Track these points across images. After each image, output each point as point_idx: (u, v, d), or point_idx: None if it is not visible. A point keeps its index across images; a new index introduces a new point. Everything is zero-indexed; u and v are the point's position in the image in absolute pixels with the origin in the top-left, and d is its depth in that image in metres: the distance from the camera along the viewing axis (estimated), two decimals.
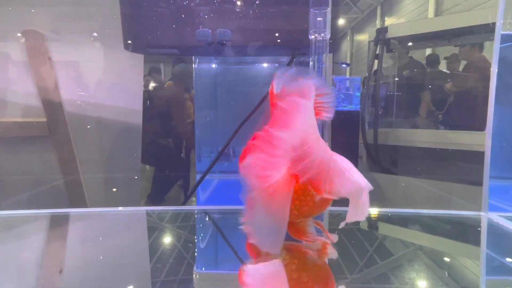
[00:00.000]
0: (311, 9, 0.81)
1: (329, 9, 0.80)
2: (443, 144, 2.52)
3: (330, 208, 1.11)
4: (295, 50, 1.05)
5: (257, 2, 1.02)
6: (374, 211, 1.14)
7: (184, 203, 1.26)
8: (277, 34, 0.99)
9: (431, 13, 6.36)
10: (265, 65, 2.34)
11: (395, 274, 0.73)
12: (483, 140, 1.09)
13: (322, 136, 0.68)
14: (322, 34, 0.81)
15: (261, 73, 2.37)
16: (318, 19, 0.81)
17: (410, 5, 7.09)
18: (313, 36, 0.82)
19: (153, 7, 1.01)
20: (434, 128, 2.79)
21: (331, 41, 0.85)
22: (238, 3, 1.01)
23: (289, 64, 1.13)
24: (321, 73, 0.82)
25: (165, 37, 1.03)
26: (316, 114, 0.66)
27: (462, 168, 2.33)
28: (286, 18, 1.00)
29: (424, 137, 2.67)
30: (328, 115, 0.67)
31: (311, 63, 0.83)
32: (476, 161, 2.31)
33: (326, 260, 0.73)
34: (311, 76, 0.65)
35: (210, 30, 0.94)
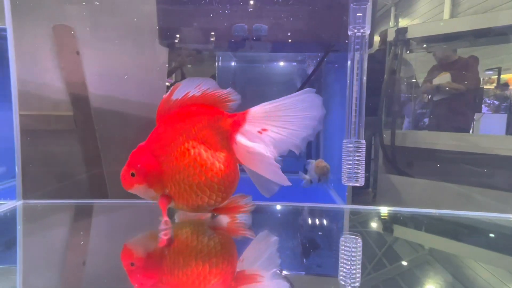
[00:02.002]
0: (351, 4, 0.80)
1: (369, 4, 0.80)
2: (462, 147, 2.49)
3: (352, 206, 1.11)
4: (329, 46, 1.04)
5: None
6: (385, 211, 1.13)
7: None
8: (311, 31, 0.99)
9: (446, 15, 6.29)
10: (281, 63, 2.34)
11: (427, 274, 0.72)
12: (503, 144, 1.08)
13: None
14: (362, 30, 0.81)
15: (278, 72, 2.36)
16: (358, 14, 0.80)
17: (424, 6, 7.02)
18: (352, 32, 0.81)
19: (189, 2, 1.01)
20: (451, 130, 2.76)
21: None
22: None
23: (321, 60, 1.12)
24: (361, 69, 0.82)
25: (200, 32, 1.03)
26: (223, 103, 0.84)
27: (481, 172, 2.30)
28: (320, 14, 0.99)
29: (443, 139, 2.64)
30: (233, 102, 0.85)
31: (349, 62, 0.82)
32: (496, 165, 2.28)
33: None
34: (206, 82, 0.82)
35: (246, 25, 0.94)
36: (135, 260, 0.77)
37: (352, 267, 0.70)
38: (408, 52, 2.85)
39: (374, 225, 1.04)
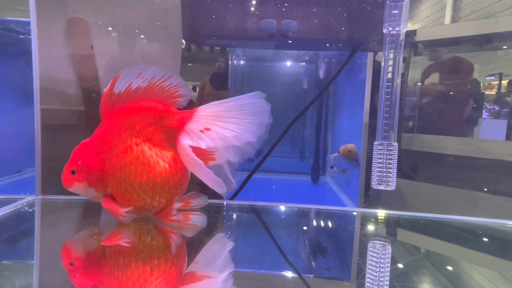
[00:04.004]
0: (387, 1, 0.79)
1: (407, 1, 0.78)
2: (470, 152, 2.49)
3: (363, 210, 1.08)
4: (357, 45, 1.03)
5: None
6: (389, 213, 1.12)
7: (231, 198, 1.25)
8: (339, 29, 0.97)
9: (447, 19, 6.32)
10: (288, 63, 2.32)
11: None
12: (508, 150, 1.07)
13: None
14: (397, 28, 0.79)
15: (286, 72, 2.34)
16: (394, 11, 0.79)
17: (426, 10, 7.05)
18: (387, 30, 0.79)
19: None
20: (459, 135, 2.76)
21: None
22: None
23: (348, 59, 1.11)
24: (395, 68, 0.80)
25: (225, 28, 1.01)
26: (172, 99, 0.81)
27: (489, 177, 2.30)
28: (349, 12, 0.98)
29: (451, 144, 2.64)
30: (183, 98, 0.82)
31: (383, 63, 0.81)
32: (504, 171, 2.27)
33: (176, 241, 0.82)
34: (149, 68, 0.79)
35: (275, 21, 0.92)
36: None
37: (380, 274, 0.68)
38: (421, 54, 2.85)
39: (394, 230, 1.03)
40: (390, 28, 0.80)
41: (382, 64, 0.82)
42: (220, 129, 0.77)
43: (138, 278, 0.61)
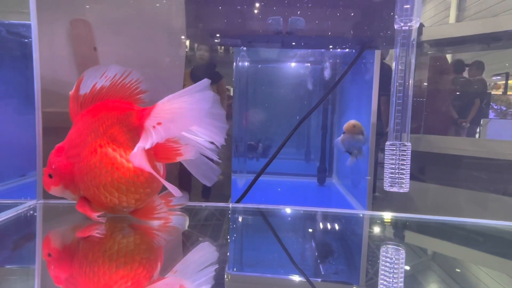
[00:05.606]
0: None
1: None
2: (479, 153, 2.45)
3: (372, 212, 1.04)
4: (366, 43, 1.00)
5: None
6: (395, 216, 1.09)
7: (238, 201, 1.22)
8: (348, 26, 0.94)
9: (452, 19, 6.28)
10: (293, 64, 2.30)
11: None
12: None
13: None
14: (409, 23, 0.76)
15: (291, 73, 2.31)
16: (405, 6, 0.76)
17: (430, 11, 7.01)
18: (398, 26, 0.76)
19: None
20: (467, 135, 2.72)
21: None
22: None
23: (357, 57, 1.08)
24: (406, 67, 0.77)
25: (229, 26, 0.98)
26: (135, 96, 0.82)
27: (498, 178, 2.26)
28: (358, 9, 0.95)
29: (459, 144, 2.60)
30: (145, 94, 0.84)
31: (394, 63, 0.78)
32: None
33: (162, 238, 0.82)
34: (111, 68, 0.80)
35: (281, 18, 0.89)
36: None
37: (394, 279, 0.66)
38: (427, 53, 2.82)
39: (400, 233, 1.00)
40: (402, 24, 0.77)
41: (394, 62, 0.79)
42: (167, 122, 0.75)
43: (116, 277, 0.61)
